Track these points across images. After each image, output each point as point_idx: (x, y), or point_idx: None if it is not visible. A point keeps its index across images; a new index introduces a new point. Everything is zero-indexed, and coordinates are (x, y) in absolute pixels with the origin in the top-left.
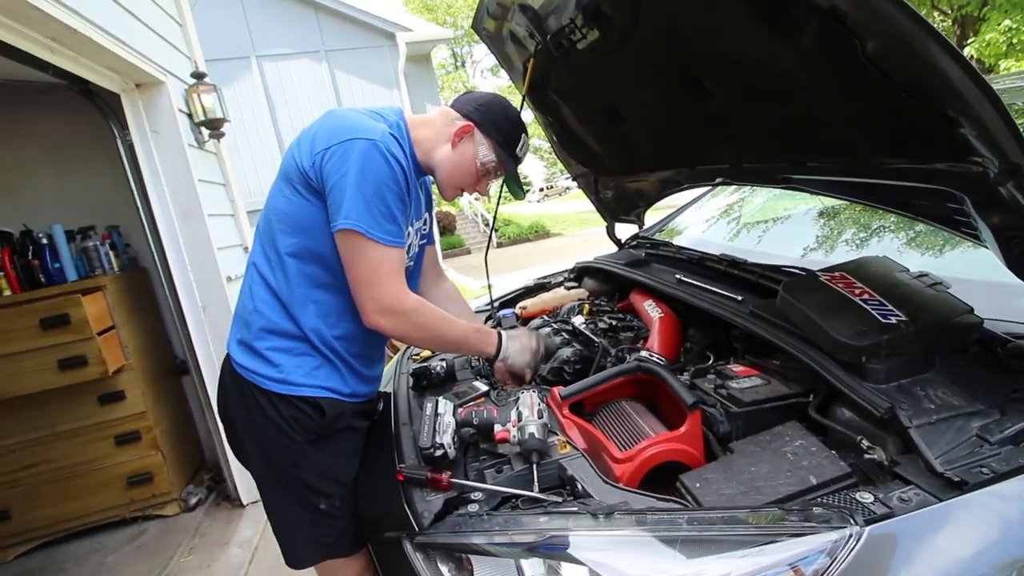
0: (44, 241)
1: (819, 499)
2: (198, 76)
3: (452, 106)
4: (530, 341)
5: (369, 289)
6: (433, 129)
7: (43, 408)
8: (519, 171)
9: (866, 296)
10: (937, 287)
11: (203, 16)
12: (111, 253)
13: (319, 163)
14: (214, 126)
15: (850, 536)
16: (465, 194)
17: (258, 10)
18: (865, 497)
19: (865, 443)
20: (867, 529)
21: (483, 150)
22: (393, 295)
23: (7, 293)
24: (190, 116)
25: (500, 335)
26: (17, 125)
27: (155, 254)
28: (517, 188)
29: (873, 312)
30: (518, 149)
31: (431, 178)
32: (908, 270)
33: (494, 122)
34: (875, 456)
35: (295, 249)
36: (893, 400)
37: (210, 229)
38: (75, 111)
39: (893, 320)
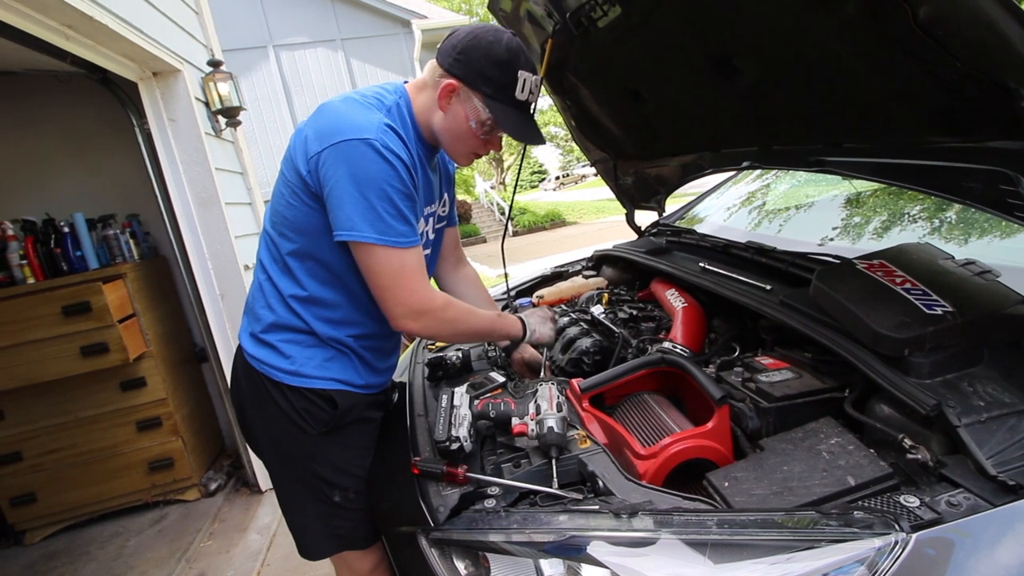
0: (66, 230)
1: (859, 502)
2: (214, 64)
3: (436, 57)
4: (543, 312)
5: (395, 295)
6: (427, 95)
7: (66, 394)
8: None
9: (908, 285)
10: (986, 275)
11: (221, 6)
12: (131, 241)
13: (314, 168)
14: (230, 114)
15: (895, 543)
16: (480, 181)
17: None
18: (910, 500)
19: (908, 442)
20: (914, 536)
21: (474, 108)
22: (420, 296)
23: (30, 281)
24: (207, 104)
25: (519, 317)
26: (39, 115)
27: (174, 242)
28: (528, 139)
29: (916, 302)
30: (517, 92)
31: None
32: (953, 257)
33: (477, 72)
34: (919, 456)
35: (299, 253)
36: (939, 396)
37: (227, 217)
38: (94, 100)
39: (938, 311)
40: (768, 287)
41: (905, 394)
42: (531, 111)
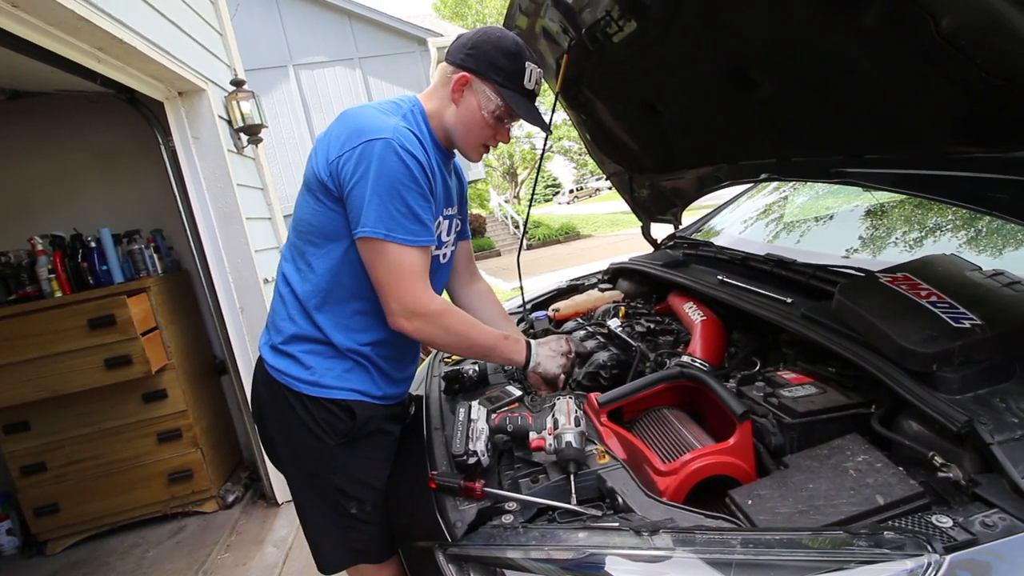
0: (93, 244)
1: (889, 521)
2: (237, 83)
3: (446, 59)
4: (560, 345)
5: (391, 291)
6: (438, 96)
7: (90, 405)
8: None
9: (934, 298)
10: (1015, 286)
11: (243, 27)
12: (155, 256)
13: (335, 170)
14: (252, 132)
15: (928, 565)
16: (495, 195)
17: (295, 20)
18: (942, 521)
19: (938, 460)
20: (948, 558)
21: (486, 97)
22: (415, 296)
23: (58, 294)
24: (229, 122)
25: (529, 343)
26: (69, 134)
27: (196, 257)
28: (540, 123)
29: (943, 316)
30: (526, 81)
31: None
32: (980, 269)
33: (489, 62)
34: (950, 474)
35: (323, 259)
36: (970, 413)
37: (248, 232)
38: (122, 119)
39: (966, 324)
40: (789, 300)
41: (935, 410)
42: (535, 101)
